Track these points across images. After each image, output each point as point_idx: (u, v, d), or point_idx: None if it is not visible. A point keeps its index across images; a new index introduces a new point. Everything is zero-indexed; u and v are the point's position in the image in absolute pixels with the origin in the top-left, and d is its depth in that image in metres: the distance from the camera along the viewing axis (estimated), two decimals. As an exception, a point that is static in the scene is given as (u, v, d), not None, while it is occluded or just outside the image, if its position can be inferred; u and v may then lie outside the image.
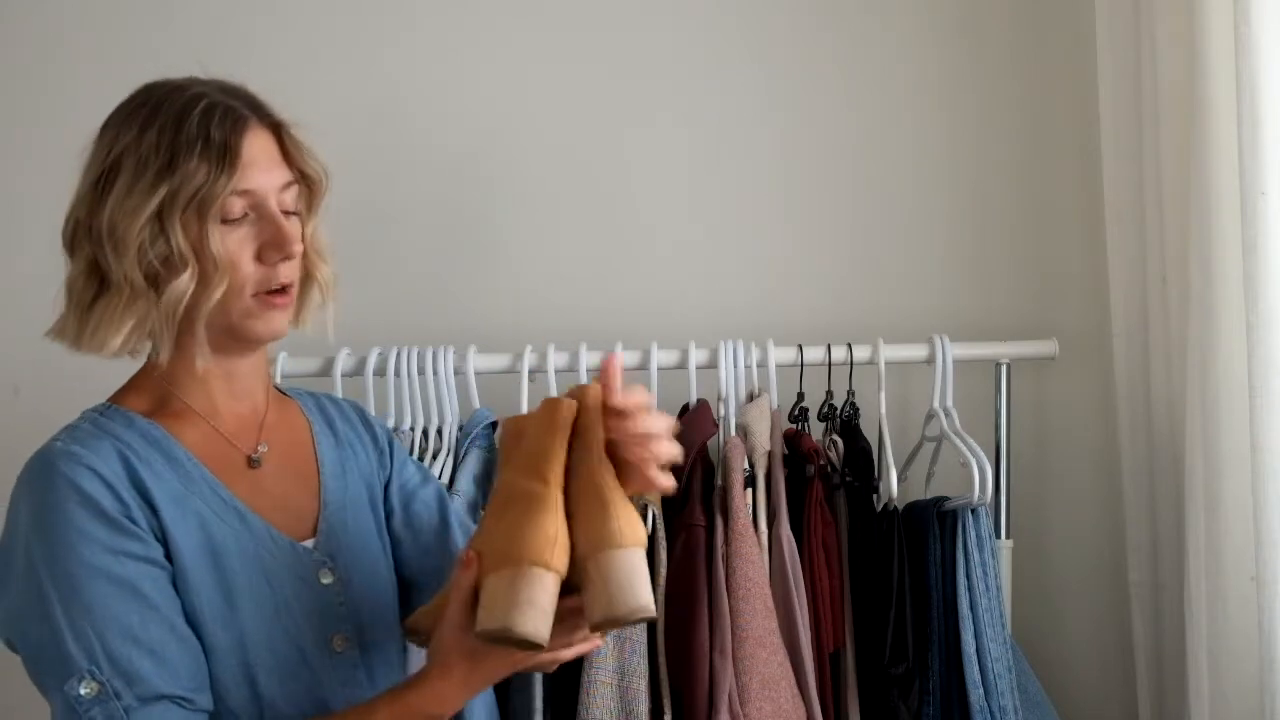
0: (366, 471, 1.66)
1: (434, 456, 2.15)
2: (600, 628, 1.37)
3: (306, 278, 1.55)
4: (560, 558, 1.36)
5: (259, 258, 1.44)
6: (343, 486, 1.61)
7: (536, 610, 1.33)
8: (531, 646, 1.33)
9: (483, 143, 2.46)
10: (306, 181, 1.53)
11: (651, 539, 2.01)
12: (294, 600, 1.48)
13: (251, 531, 1.48)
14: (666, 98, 2.46)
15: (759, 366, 2.17)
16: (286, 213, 1.47)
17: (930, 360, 2.20)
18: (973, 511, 2.06)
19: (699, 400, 2.15)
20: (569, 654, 1.44)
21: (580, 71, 2.47)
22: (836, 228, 2.46)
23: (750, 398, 2.17)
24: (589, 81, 2.47)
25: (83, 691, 1.31)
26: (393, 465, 1.71)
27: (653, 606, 1.34)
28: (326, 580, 1.51)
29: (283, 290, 1.47)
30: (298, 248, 1.46)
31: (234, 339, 1.48)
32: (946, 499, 2.12)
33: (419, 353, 2.18)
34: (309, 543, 1.53)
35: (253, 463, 1.53)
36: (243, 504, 1.48)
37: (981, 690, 2.01)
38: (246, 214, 1.44)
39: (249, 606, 1.44)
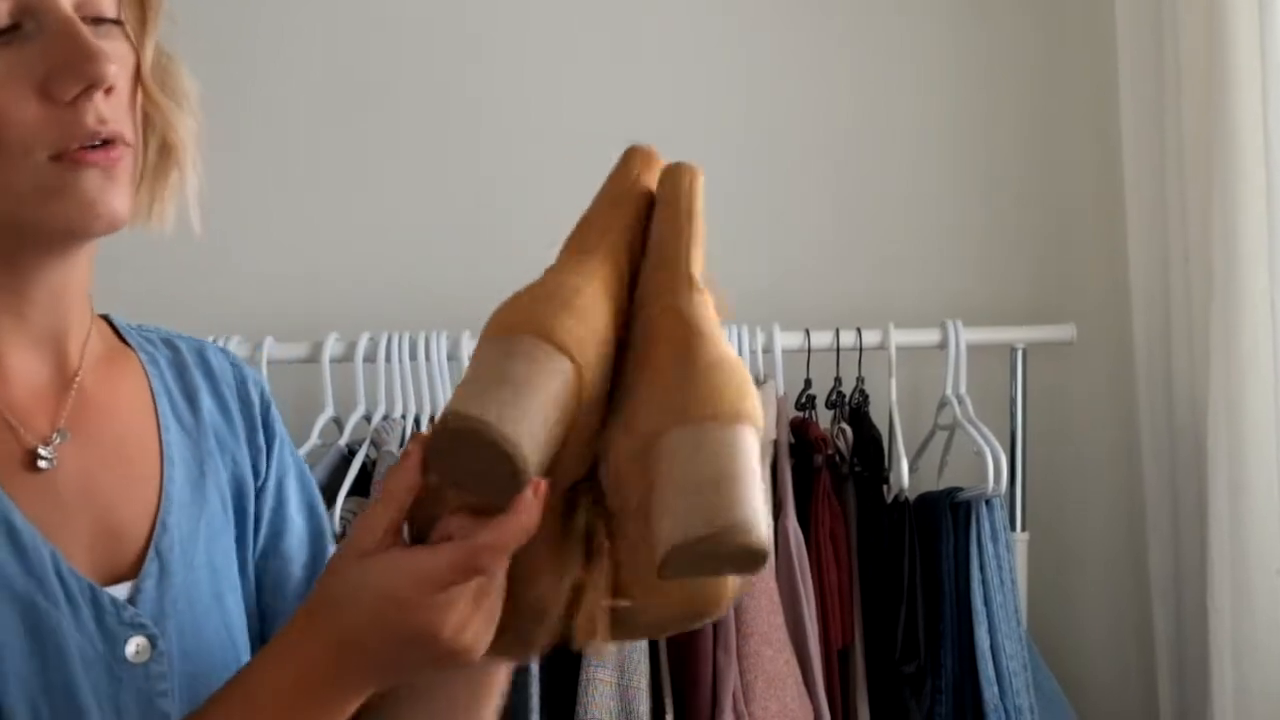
0: (236, 473, 1.11)
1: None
2: (671, 566, 0.81)
3: (161, 145, 1.02)
4: (580, 338, 0.86)
5: (46, 92, 0.90)
6: (196, 498, 1.06)
7: (515, 393, 0.83)
8: (503, 459, 0.82)
9: (480, 125, 2.43)
10: None
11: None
12: (80, 682, 0.93)
13: (25, 560, 0.93)
14: (669, 78, 2.42)
15: (764, 352, 2.13)
16: (97, 19, 0.94)
17: (943, 345, 2.17)
18: (987, 503, 2.03)
19: (702, 387, 2.11)
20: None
21: (579, 55, 2.44)
22: (845, 208, 2.42)
23: (755, 384, 2.11)
24: (588, 65, 2.44)
25: None
26: (269, 472, 1.14)
27: (761, 532, 0.79)
28: (135, 654, 0.96)
29: (105, 145, 0.92)
30: (111, 68, 0.91)
31: (26, 237, 0.94)
32: (960, 490, 2.09)
33: (410, 338, 2.14)
34: (121, 588, 0.98)
35: (39, 461, 0.98)
36: (20, 515, 0.94)
37: (996, 688, 1.99)
38: (17, 24, 0.90)
39: (2, 682, 0.91)
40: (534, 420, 0.83)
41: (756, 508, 0.79)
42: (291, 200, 2.39)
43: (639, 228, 0.95)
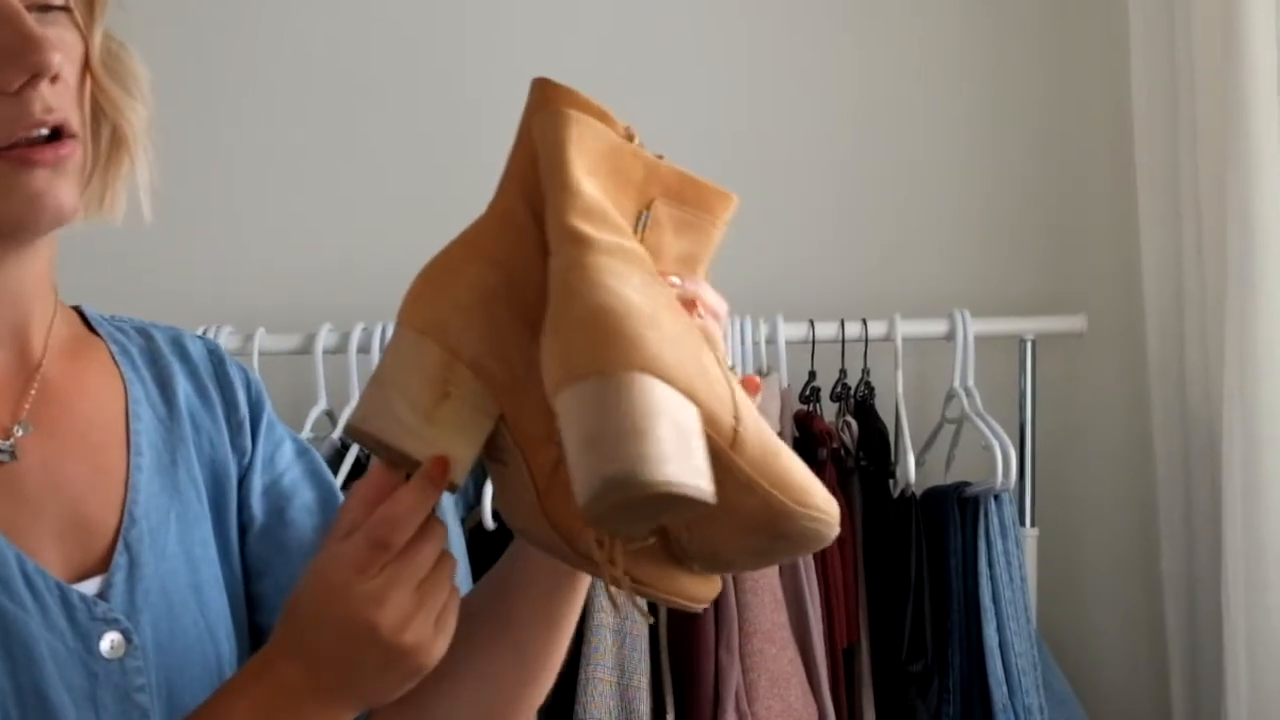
0: (213, 456, 1.09)
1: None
2: (599, 525, 0.84)
3: (113, 133, 1.01)
4: (444, 314, 0.93)
5: None
6: (166, 487, 1.04)
7: (382, 390, 0.92)
8: (387, 449, 0.91)
9: (479, 118, 2.39)
10: None
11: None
12: (52, 683, 0.92)
13: None
14: (667, 65, 2.40)
15: (768, 343, 2.11)
16: (44, 6, 0.93)
17: (950, 337, 2.14)
18: (995, 498, 2.02)
19: (704, 380, 2.09)
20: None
21: (578, 45, 2.42)
22: (850, 196, 2.40)
23: (759, 375, 2.08)
24: (586, 54, 2.42)
25: None
26: (256, 447, 1.12)
27: (641, 475, 0.77)
28: (111, 650, 0.95)
29: (52, 139, 0.91)
30: (55, 56, 0.89)
31: None
32: (967, 484, 2.07)
33: (407, 330, 2.10)
34: (91, 584, 0.96)
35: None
36: None
37: (1005, 688, 1.98)
38: None
39: None
40: (399, 410, 0.90)
41: (631, 454, 0.77)
42: (284, 191, 2.38)
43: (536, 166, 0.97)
